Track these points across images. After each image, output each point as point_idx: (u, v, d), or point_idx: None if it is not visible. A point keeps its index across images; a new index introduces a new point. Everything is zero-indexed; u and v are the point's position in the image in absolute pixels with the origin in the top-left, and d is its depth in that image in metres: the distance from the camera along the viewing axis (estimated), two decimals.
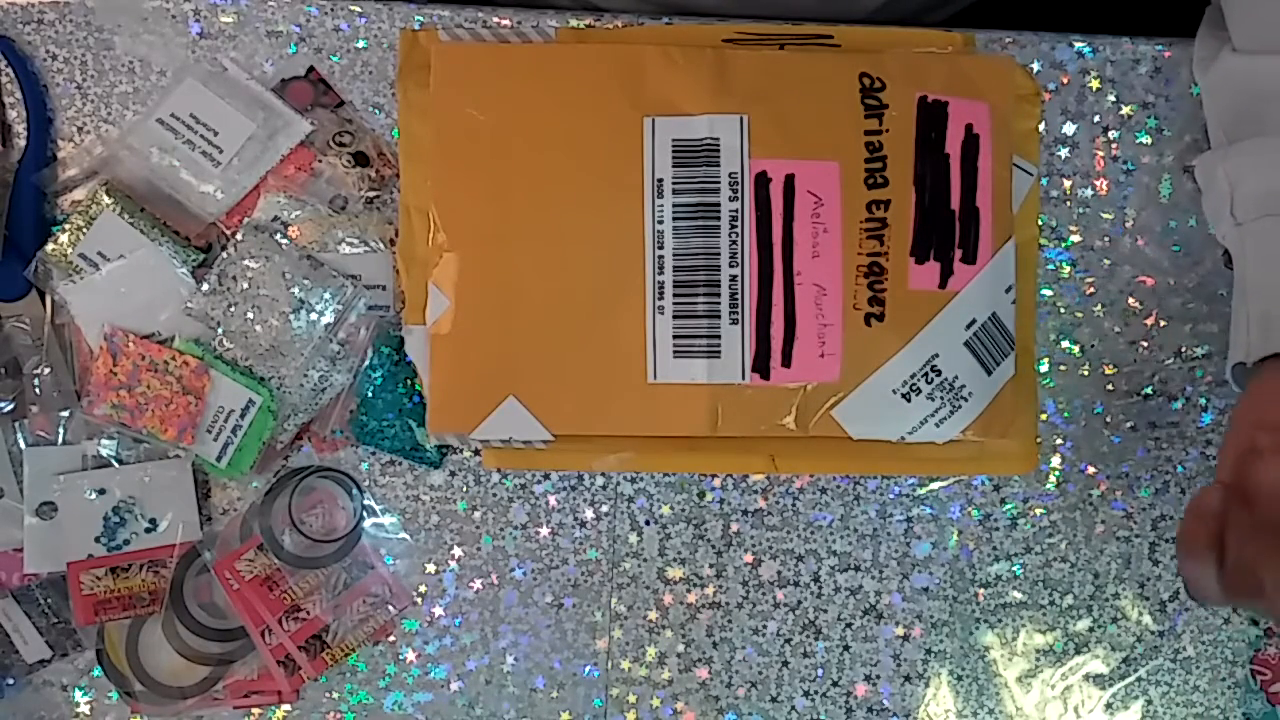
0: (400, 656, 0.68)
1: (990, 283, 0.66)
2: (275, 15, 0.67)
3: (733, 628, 0.69)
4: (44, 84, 0.66)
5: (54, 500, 0.64)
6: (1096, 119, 0.69)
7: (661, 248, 0.64)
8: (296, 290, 0.64)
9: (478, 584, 0.68)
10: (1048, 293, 0.69)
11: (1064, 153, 0.69)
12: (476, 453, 0.68)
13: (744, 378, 0.64)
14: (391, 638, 0.68)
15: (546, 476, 0.68)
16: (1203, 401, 0.70)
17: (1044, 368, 0.69)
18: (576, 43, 0.67)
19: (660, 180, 0.64)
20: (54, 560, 0.64)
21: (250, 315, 0.64)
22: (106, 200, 0.64)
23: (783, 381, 0.64)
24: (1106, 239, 0.69)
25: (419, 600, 0.68)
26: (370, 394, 0.66)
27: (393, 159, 0.66)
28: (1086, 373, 0.70)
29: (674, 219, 0.64)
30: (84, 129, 0.66)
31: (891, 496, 0.69)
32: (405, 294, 0.66)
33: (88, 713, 0.67)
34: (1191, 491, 0.70)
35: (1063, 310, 0.69)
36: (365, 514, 0.67)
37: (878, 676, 0.69)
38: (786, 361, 0.64)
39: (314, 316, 0.64)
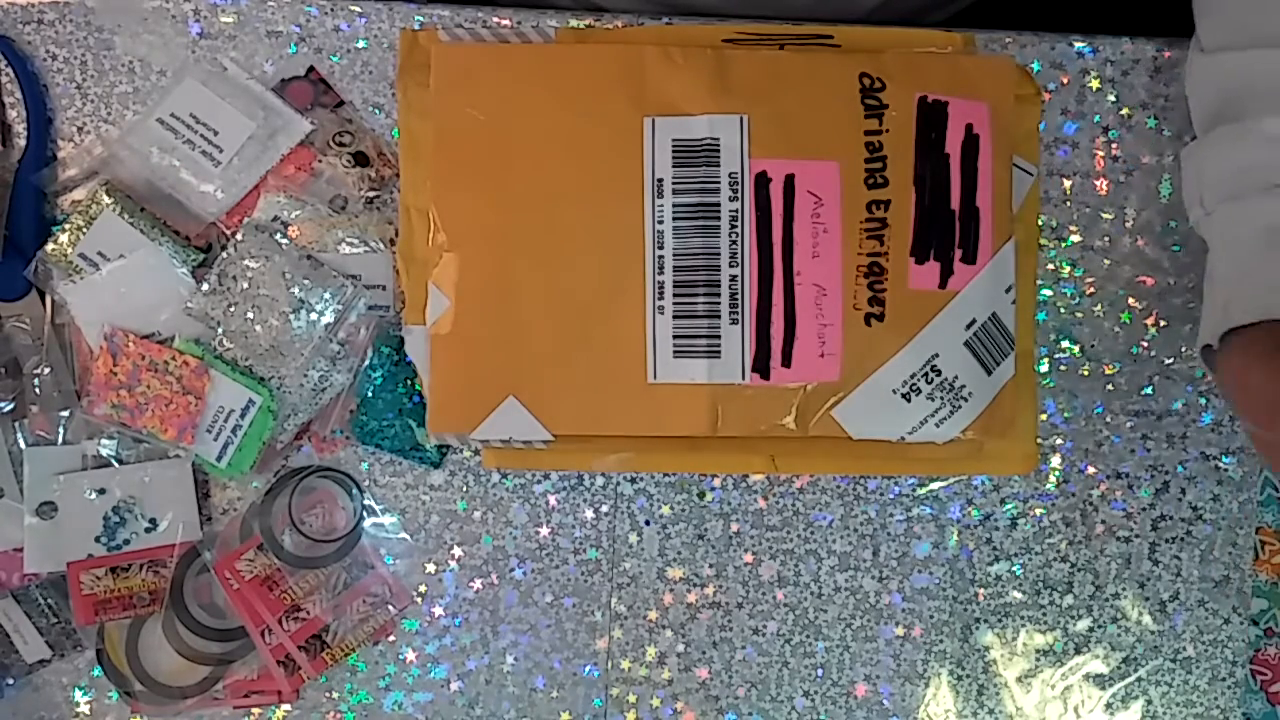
0: (400, 656, 0.68)
1: (990, 283, 0.66)
2: (275, 15, 0.67)
3: (733, 628, 0.69)
4: (44, 84, 0.66)
5: (54, 500, 0.64)
6: (1096, 119, 0.69)
7: (661, 248, 0.64)
8: (296, 290, 0.64)
9: (478, 584, 0.68)
10: (1048, 293, 0.69)
11: (1064, 153, 0.69)
12: (476, 453, 0.68)
13: (744, 378, 0.64)
14: (391, 638, 0.68)
15: (546, 476, 0.68)
16: (1203, 401, 0.70)
17: (1044, 368, 0.69)
18: (576, 43, 0.67)
19: (660, 180, 0.64)
20: (54, 560, 0.64)
21: (250, 315, 0.64)
22: (106, 200, 0.64)
23: (783, 381, 0.64)
24: (1106, 239, 0.69)
25: (419, 600, 0.68)
26: (370, 394, 0.66)
27: (393, 159, 0.66)
28: (1086, 373, 0.69)
29: (674, 219, 0.64)
30: (84, 129, 0.66)
31: (891, 496, 0.69)
32: (405, 294, 0.66)
33: (88, 713, 0.67)
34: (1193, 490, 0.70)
35: (1063, 310, 0.69)
36: (365, 514, 0.67)
37: (878, 676, 0.69)
38: (786, 361, 0.64)
39: (314, 316, 0.64)
